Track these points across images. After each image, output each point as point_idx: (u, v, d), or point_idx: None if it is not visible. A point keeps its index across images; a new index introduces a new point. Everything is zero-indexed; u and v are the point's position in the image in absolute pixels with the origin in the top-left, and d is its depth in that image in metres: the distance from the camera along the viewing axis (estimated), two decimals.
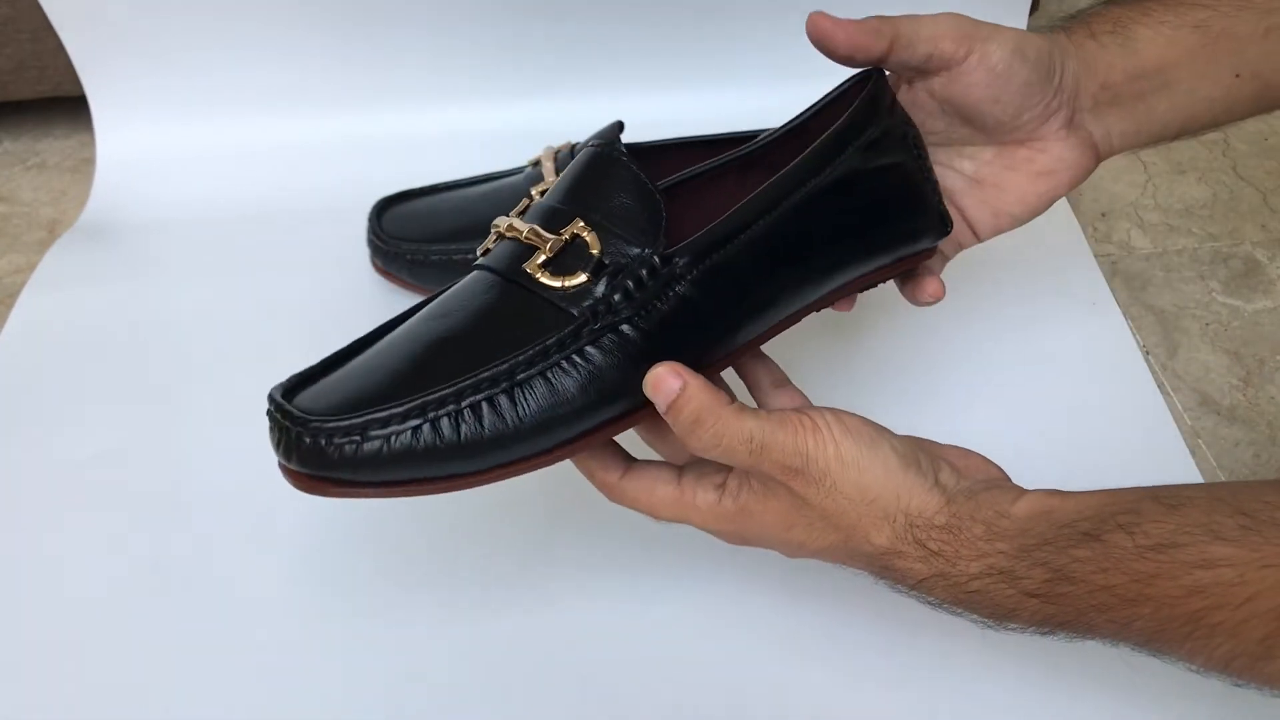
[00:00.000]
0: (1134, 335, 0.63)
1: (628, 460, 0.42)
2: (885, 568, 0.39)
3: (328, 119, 0.77)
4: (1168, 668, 0.36)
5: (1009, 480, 0.42)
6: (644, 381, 0.38)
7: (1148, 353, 0.63)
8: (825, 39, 0.44)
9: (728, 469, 0.41)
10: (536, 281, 0.39)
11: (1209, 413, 0.60)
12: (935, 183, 0.47)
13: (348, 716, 0.47)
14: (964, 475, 0.41)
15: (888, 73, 0.47)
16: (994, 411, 0.59)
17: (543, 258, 0.39)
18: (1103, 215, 0.73)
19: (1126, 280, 0.68)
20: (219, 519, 0.55)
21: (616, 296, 0.39)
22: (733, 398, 0.39)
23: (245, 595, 0.51)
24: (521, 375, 0.37)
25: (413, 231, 0.64)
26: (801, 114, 0.49)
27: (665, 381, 0.37)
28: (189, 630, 0.50)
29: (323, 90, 0.77)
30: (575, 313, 0.38)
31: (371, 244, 0.65)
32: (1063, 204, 0.72)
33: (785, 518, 0.40)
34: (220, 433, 0.59)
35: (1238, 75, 0.46)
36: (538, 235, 0.40)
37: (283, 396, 0.38)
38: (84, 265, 0.70)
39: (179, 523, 0.54)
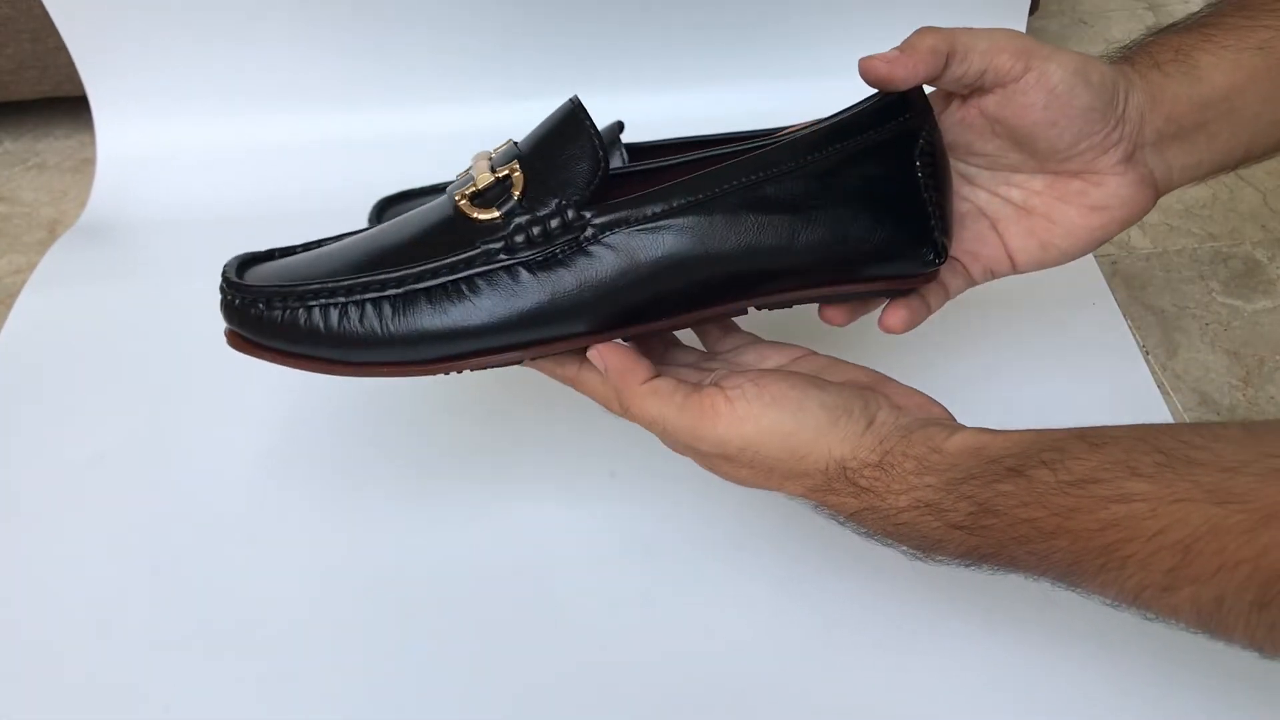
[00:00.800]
0: (1134, 335, 0.63)
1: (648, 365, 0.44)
2: (819, 503, 0.41)
3: (328, 119, 0.77)
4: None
5: (951, 419, 0.44)
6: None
7: (1148, 353, 0.63)
8: (885, 82, 0.42)
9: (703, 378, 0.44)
10: (458, 208, 0.42)
11: (1209, 413, 0.60)
12: (943, 209, 0.44)
13: (350, 716, 0.47)
14: (905, 413, 0.42)
15: (935, 88, 0.44)
16: (993, 412, 0.58)
17: (472, 189, 0.42)
18: None
19: (1126, 280, 0.68)
20: (219, 519, 0.55)
21: (519, 238, 0.41)
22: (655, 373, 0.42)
23: (245, 595, 0.51)
24: (408, 287, 0.41)
25: None
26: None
27: (592, 355, 0.42)
28: (188, 630, 0.50)
29: (323, 90, 0.77)
30: (478, 245, 0.41)
31: None
32: None
33: (722, 450, 0.42)
34: (220, 432, 0.59)
35: None
36: (483, 171, 0.43)
37: (236, 270, 0.45)
38: (84, 265, 0.70)
39: (179, 523, 0.54)
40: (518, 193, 0.41)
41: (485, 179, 0.42)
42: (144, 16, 0.73)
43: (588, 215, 0.41)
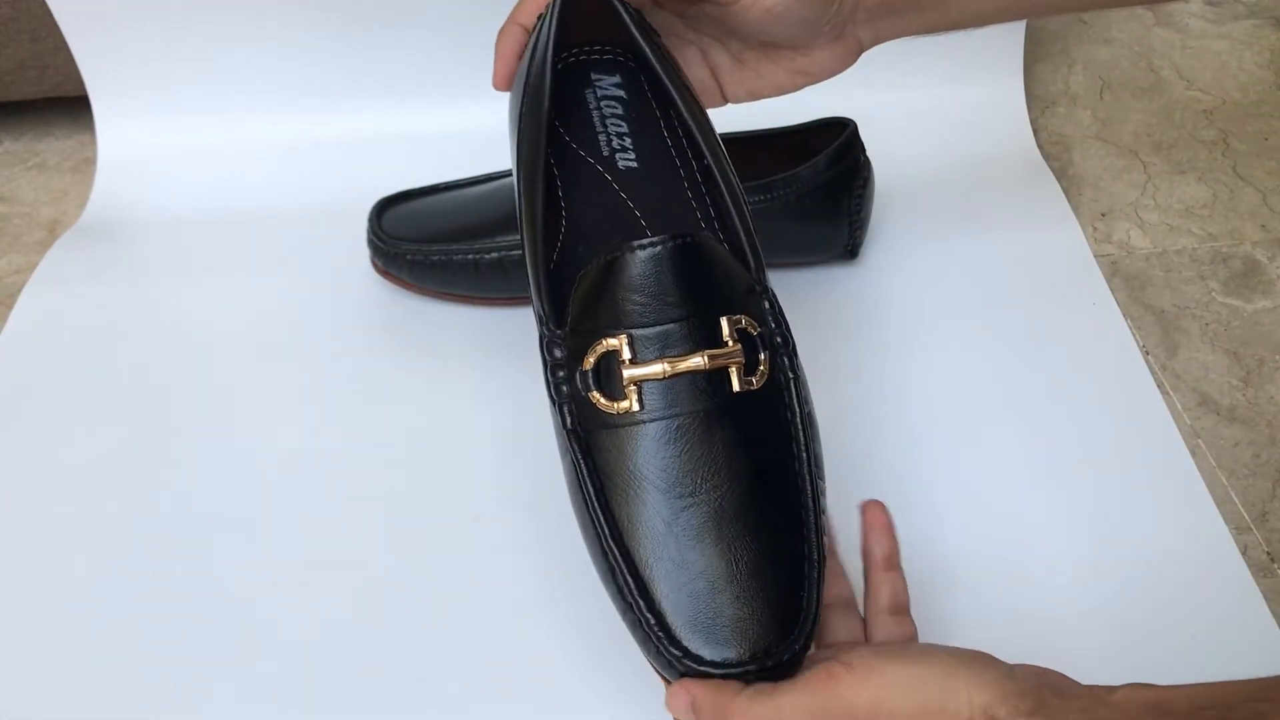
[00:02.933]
0: (1134, 335, 0.63)
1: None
2: None
3: (328, 119, 0.77)
4: None
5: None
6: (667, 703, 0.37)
7: (1147, 353, 0.63)
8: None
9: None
10: (741, 392, 0.38)
11: (1209, 413, 0.60)
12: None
13: (350, 716, 0.47)
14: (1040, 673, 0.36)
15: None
16: (993, 411, 0.59)
17: (736, 368, 0.38)
18: (1103, 215, 0.73)
19: (1126, 280, 0.68)
20: (219, 519, 0.55)
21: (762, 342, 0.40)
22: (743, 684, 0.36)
23: (245, 595, 0.51)
24: None
25: (413, 231, 0.64)
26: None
27: (678, 697, 0.36)
28: (188, 630, 0.50)
29: (323, 90, 0.77)
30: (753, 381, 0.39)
31: (371, 244, 0.65)
32: (1063, 204, 0.72)
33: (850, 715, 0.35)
34: (220, 433, 0.59)
35: None
36: (725, 356, 0.38)
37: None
38: (84, 265, 0.70)
39: (179, 523, 0.55)
40: (755, 331, 0.40)
41: (735, 354, 0.39)
42: (145, 17, 0.73)
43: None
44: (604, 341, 0.38)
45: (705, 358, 0.37)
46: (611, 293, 0.38)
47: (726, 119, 0.66)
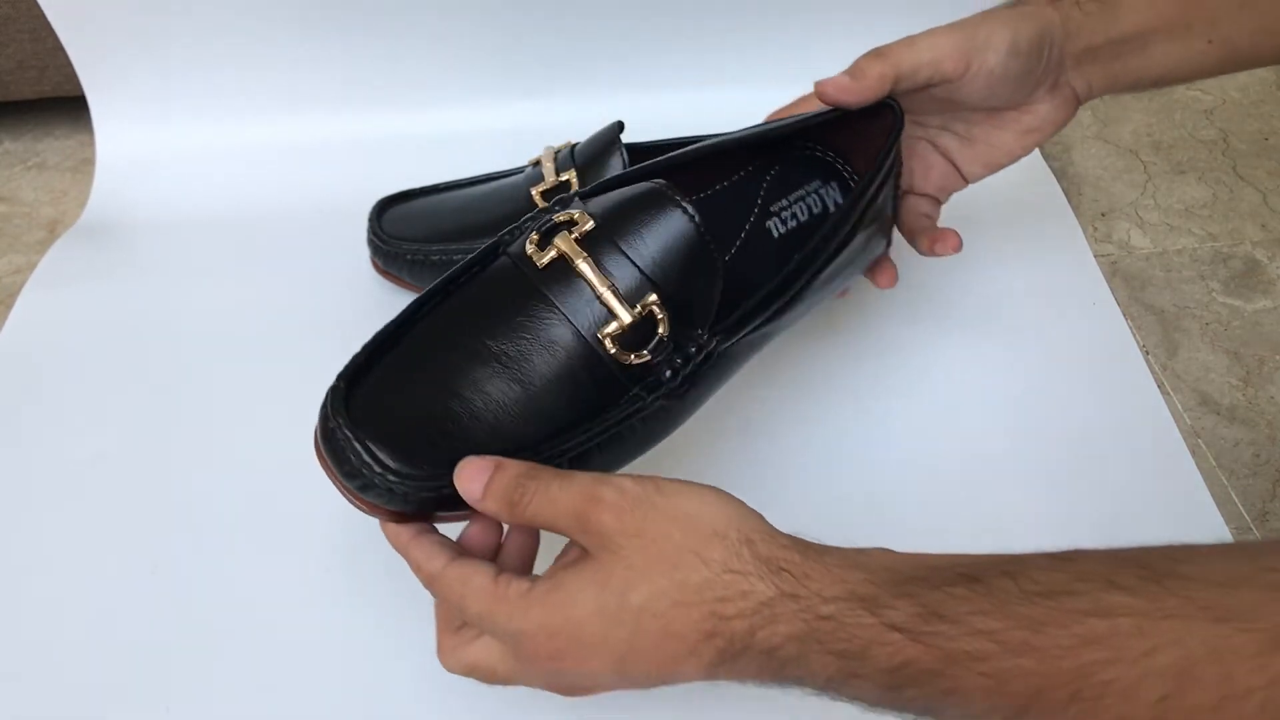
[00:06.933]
0: (1134, 335, 0.63)
1: (454, 552, 0.38)
2: (720, 599, 0.33)
3: (328, 119, 0.77)
4: None
5: None
6: (456, 479, 0.37)
7: (1148, 353, 0.63)
8: (837, 105, 0.49)
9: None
10: (605, 349, 0.39)
11: (1209, 413, 0.60)
12: (897, 209, 0.53)
13: (350, 716, 0.47)
14: None
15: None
16: (993, 411, 0.59)
17: (616, 328, 0.39)
18: (1103, 215, 0.74)
19: (1126, 280, 0.68)
20: (219, 519, 0.55)
21: (667, 373, 0.40)
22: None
23: (245, 595, 0.51)
24: (576, 451, 0.39)
25: (413, 231, 0.64)
26: (799, 118, 0.51)
27: (473, 470, 0.36)
28: (189, 630, 0.50)
29: (323, 91, 0.77)
30: (634, 389, 0.40)
31: (371, 244, 0.65)
32: (1063, 204, 0.72)
33: (602, 574, 0.34)
34: (220, 432, 0.59)
35: (1210, 41, 0.49)
36: (618, 302, 0.39)
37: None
38: (84, 265, 0.70)
39: (179, 523, 0.55)
40: (664, 331, 0.40)
41: (632, 320, 0.39)
42: (142, 17, 0.73)
43: (718, 333, 0.41)
44: None
45: (607, 288, 0.39)
46: None
47: (726, 120, 0.66)
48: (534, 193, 0.61)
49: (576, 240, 0.40)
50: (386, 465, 0.37)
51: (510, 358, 0.39)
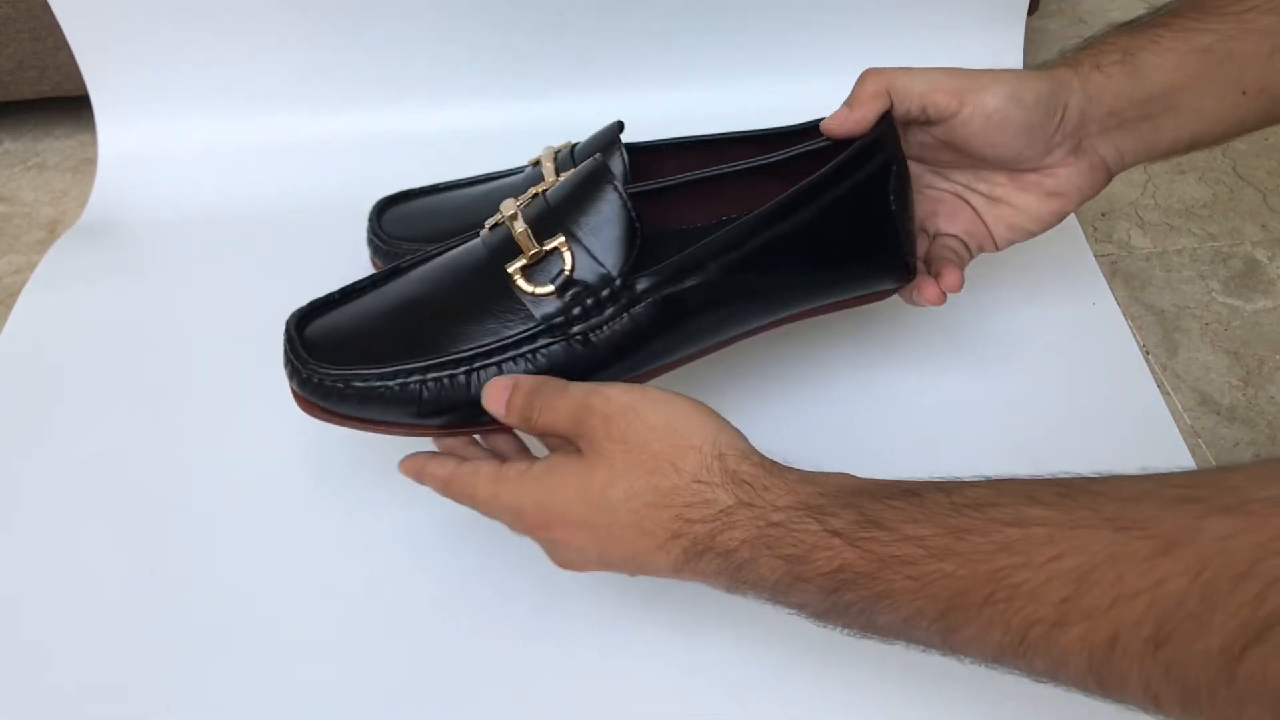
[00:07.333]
0: (1134, 335, 0.63)
1: (460, 459, 0.45)
2: (687, 504, 0.37)
3: (329, 119, 0.77)
4: None
5: None
6: (484, 400, 0.43)
7: (1148, 353, 0.63)
8: (846, 136, 0.48)
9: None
10: (513, 281, 0.44)
11: (1209, 412, 0.60)
12: (909, 232, 0.50)
13: (350, 716, 0.47)
14: None
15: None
16: (993, 411, 0.59)
17: (523, 262, 0.44)
18: (1103, 215, 0.74)
19: (1126, 280, 0.68)
20: (219, 519, 0.55)
21: (575, 310, 0.44)
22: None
23: (245, 595, 0.51)
24: (479, 364, 0.44)
25: (413, 231, 0.64)
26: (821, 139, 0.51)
27: (495, 391, 0.43)
28: (188, 630, 0.50)
29: (323, 90, 0.77)
30: (538, 318, 0.44)
31: (371, 244, 0.65)
32: None
33: (587, 468, 0.39)
34: (220, 432, 0.59)
35: (1244, 92, 0.47)
36: (527, 239, 0.44)
37: (296, 326, 0.47)
38: (84, 265, 0.70)
39: (179, 523, 0.55)
40: (568, 268, 0.44)
41: (534, 252, 0.44)
42: (146, 16, 0.73)
43: (634, 282, 0.44)
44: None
45: (521, 229, 0.45)
46: None
47: (726, 120, 0.66)
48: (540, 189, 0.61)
49: (522, 210, 0.46)
50: (325, 370, 0.44)
51: (443, 287, 0.47)
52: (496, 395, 0.43)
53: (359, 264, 0.67)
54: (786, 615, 0.38)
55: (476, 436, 0.46)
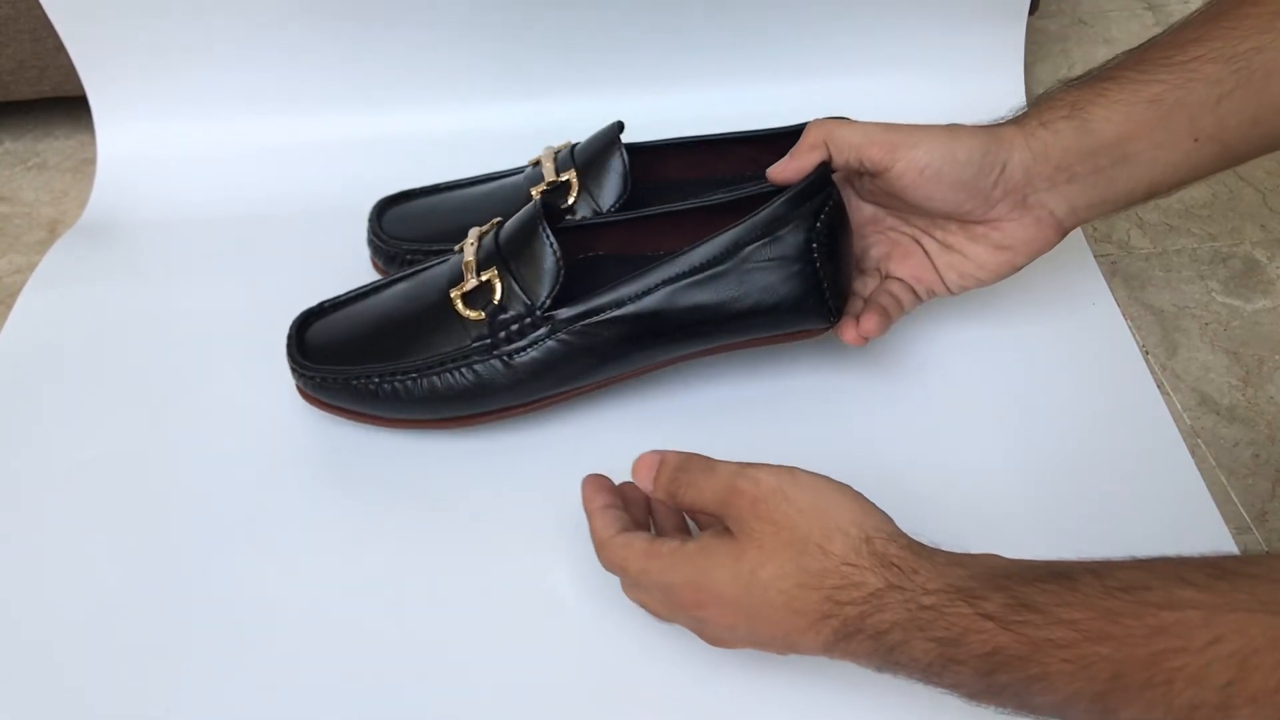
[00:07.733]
0: (1134, 335, 0.63)
1: (626, 525, 0.45)
2: (837, 586, 0.38)
3: (328, 119, 0.77)
4: None
5: None
6: (633, 474, 0.45)
7: (1147, 353, 0.63)
8: (787, 184, 0.51)
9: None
10: (454, 305, 0.53)
11: (1208, 412, 0.60)
12: (838, 277, 0.52)
13: (350, 716, 0.47)
14: None
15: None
16: (993, 412, 0.59)
17: (464, 289, 0.53)
18: None
19: (1126, 280, 0.69)
20: (218, 519, 0.55)
21: (501, 334, 0.52)
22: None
23: (245, 596, 0.51)
24: (426, 370, 0.53)
25: (413, 231, 0.64)
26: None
27: (644, 467, 0.44)
28: (189, 631, 0.50)
29: (323, 90, 0.77)
30: (472, 338, 0.53)
31: (371, 244, 0.65)
32: None
33: (738, 550, 0.40)
34: (220, 432, 0.59)
35: (1196, 139, 0.48)
36: (468, 270, 0.53)
37: (299, 328, 0.57)
38: (84, 265, 0.70)
39: (179, 523, 0.55)
40: (497, 298, 0.52)
41: (474, 284, 0.53)
42: (143, 17, 0.73)
43: (554, 314, 0.51)
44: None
45: (471, 260, 0.53)
46: None
47: (726, 120, 0.66)
48: (534, 193, 0.61)
49: (480, 238, 0.55)
50: (311, 367, 0.55)
51: (412, 302, 0.56)
52: (644, 470, 0.44)
53: (359, 264, 0.67)
54: None
55: (652, 510, 0.48)
